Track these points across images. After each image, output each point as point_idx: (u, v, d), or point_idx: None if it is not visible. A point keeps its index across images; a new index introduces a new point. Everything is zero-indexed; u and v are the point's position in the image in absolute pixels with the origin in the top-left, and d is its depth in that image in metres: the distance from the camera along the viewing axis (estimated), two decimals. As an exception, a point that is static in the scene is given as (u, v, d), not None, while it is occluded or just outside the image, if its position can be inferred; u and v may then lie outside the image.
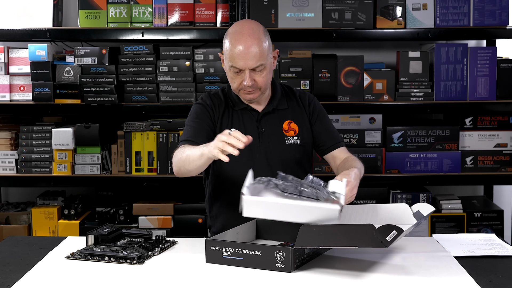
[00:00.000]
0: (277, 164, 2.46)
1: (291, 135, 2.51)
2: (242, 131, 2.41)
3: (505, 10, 3.31)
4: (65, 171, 3.39)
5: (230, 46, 2.37)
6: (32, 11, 3.38)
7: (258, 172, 2.42)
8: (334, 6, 3.32)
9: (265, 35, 2.42)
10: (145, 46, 3.36)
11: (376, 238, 1.87)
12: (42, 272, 2.01)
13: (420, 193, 3.44)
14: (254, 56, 2.34)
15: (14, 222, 3.48)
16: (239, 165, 2.41)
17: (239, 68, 2.37)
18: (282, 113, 2.53)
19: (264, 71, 2.39)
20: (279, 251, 1.96)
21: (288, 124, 2.52)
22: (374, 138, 3.41)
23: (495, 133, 3.43)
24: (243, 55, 2.34)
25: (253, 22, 2.46)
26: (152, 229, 3.37)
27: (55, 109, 3.37)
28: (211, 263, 2.03)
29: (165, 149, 3.38)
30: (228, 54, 2.38)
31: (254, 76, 2.38)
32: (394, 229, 1.94)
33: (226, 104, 2.51)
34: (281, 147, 2.48)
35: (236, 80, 2.40)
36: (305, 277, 1.93)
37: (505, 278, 1.92)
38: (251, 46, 2.34)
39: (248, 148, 2.42)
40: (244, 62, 2.35)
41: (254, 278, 1.93)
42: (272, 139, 2.48)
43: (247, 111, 2.50)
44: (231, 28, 2.44)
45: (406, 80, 3.37)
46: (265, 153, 2.47)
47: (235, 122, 2.48)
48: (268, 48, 2.40)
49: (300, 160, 2.52)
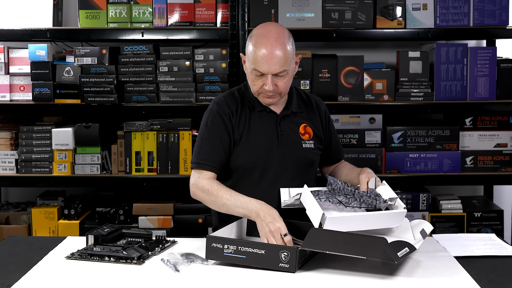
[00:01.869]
0: (293, 167, 2.46)
1: (307, 139, 2.50)
2: (260, 133, 2.43)
3: (505, 10, 3.31)
4: (65, 171, 3.39)
5: (254, 48, 2.33)
6: (32, 11, 3.38)
7: (273, 174, 2.43)
8: (334, 6, 3.32)
9: (290, 39, 2.38)
10: (145, 46, 3.36)
11: (387, 252, 1.88)
12: (42, 272, 2.01)
13: (420, 193, 3.44)
14: (278, 61, 2.31)
15: (14, 222, 3.48)
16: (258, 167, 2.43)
17: (261, 72, 2.33)
18: (298, 116, 2.52)
19: (286, 76, 2.36)
20: (284, 250, 1.95)
21: (304, 127, 2.51)
22: (374, 138, 3.41)
23: (495, 133, 3.43)
24: (268, 59, 2.30)
25: (279, 25, 2.42)
26: (152, 229, 3.37)
27: (55, 109, 3.37)
28: (212, 260, 2.03)
29: (165, 149, 3.38)
30: (251, 57, 2.34)
31: (276, 81, 2.35)
32: (406, 245, 1.95)
33: (243, 105, 2.48)
34: (298, 150, 2.48)
35: (257, 84, 2.37)
36: (310, 277, 1.93)
37: (505, 278, 1.92)
38: (276, 51, 2.30)
39: (266, 150, 2.42)
40: (268, 66, 2.31)
41: (257, 278, 1.93)
42: (289, 142, 2.47)
43: (265, 113, 2.47)
44: (256, 30, 2.39)
45: (406, 80, 3.37)
46: (283, 155, 2.45)
47: (254, 124, 2.45)
48: (292, 54, 2.37)
49: (313, 163, 2.53)
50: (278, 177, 2.44)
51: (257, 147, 2.42)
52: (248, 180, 2.44)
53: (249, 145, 2.42)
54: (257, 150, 2.42)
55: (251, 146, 2.42)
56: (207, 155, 2.39)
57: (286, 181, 2.43)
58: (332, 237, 1.96)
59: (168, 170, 3.38)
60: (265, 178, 2.43)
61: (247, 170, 2.44)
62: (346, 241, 1.94)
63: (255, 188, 2.42)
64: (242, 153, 2.43)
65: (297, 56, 2.44)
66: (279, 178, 2.43)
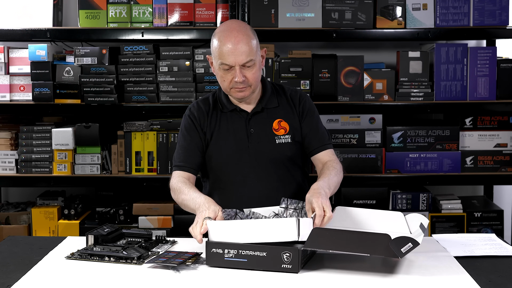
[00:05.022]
0: (267, 163, 2.47)
1: (282, 134, 2.50)
2: (229, 132, 2.47)
3: (505, 10, 3.31)
4: (65, 171, 3.39)
5: (219, 44, 2.38)
6: (32, 11, 3.38)
7: (247, 173, 2.45)
8: (334, 6, 3.32)
9: (253, 33, 2.44)
10: (145, 46, 3.36)
11: (391, 248, 1.88)
12: (42, 272, 2.01)
13: (420, 193, 3.44)
14: (243, 51, 2.35)
15: (14, 222, 3.48)
16: (230, 166, 2.47)
17: (229, 64, 2.37)
18: (272, 112, 2.52)
19: (254, 67, 2.39)
20: (286, 251, 1.95)
21: (278, 123, 2.52)
22: (374, 138, 3.41)
23: (495, 133, 3.43)
24: (233, 50, 2.35)
25: (239, 21, 2.50)
26: (152, 229, 3.37)
27: (55, 109, 3.37)
28: (213, 266, 2.01)
29: (165, 149, 3.38)
30: (217, 53, 2.39)
31: (245, 72, 2.38)
32: (409, 241, 1.94)
33: (214, 107, 2.53)
34: (271, 146, 2.48)
35: (227, 78, 2.40)
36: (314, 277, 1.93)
37: (505, 278, 1.92)
38: (240, 42, 2.36)
39: (237, 149, 2.45)
40: (234, 57, 2.35)
41: (259, 278, 1.92)
42: (261, 139, 2.49)
43: (236, 112, 2.51)
44: (218, 28, 2.46)
45: (406, 80, 3.37)
46: (254, 153, 2.47)
47: (223, 125, 2.50)
48: (257, 45, 2.42)
49: (293, 158, 2.52)
50: (253, 175, 2.46)
51: (227, 147, 2.47)
52: (223, 179, 2.49)
53: (219, 145, 2.48)
54: (227, 150, 2.47)
55: (221, 146, 2.48)
56: (182, 157, 2.49)
57: (262, 178, 2.45)
58: (334, 236, 1.96)
59: (168, 170, 3.38)
60: (238, 176, 2.46)
61: (220, 170, 2.49)
62: (348, 239, 1.94)
63: (230, 187, 2.46)
64: (213, 153, 2.49)
65: (262, 49, 2.49)
66: (253, 176, 2.46)
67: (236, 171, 2.47)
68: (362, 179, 3.37)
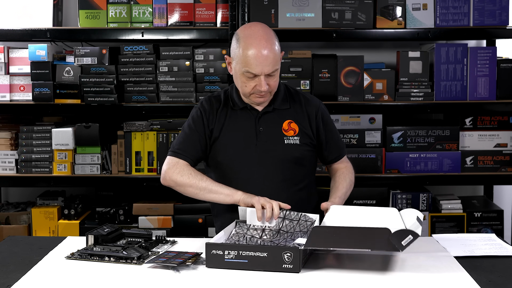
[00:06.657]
0: (274, 163, 2.47)
1: (291, 135, 2.50)
2: (238, 129, 2.46)
3: (505, 10, 3.31)
4: (65, 171, 3.39)
5: (244, 50, 2.35)
6: (32, 11, 3.38)
7: (253, 171, 2.45)
8: (334, 6, 3.32)
9: (276, 38, 2.42)
10: (145, 46, 3.36)
11: (391, 242, 1.88)
12: (42, 272, 2.01)
13: (420, 193, 3.44)
14: (270, 62, 2.34)
15: (14, 222, 3.48)
16: (236, 162, 2.46)
17: (255, 73, 2.35)
18: (283, 112, 2.52)
19: (277, 75, 2.40)
20: (287, 251, 1.94)
21: (288, 123, 2.51)
22: (374, 138, 3.41)
23: (495, 133, 3.43)
24: (261, 61, 2.33)
25: (264, 26, 2.45)
26: (152, 229, 3.37)
27: (55, 109, 3.37)
28: (213, 268, 2.00)
29: (165, 149, 3.38)
30: (242, 59, 2.36)
31: (268, 80, 2.38)
32: (410, 233, 1.94)
33: (225, 104, 2.52)
34: (279, 146, 2.48)
35: (249, 85, 2.39)
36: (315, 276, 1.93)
37: (505, 278, 1.92)
38: (267, 52, 2.33)
39: (245, 146, 2.44)
40: (261, 68, 2.34)
41: (260, 278, 1.92)
42: (270, 138, 2.48)
43: (246, 110, 2.51)
44: (241, 31, 2.42)
45: (406, 80, 3.37)
46: (262, 151, 2.47)
47: (232, 122, 2.49)
48: (280, 51, 2.41)
49: (300, 159, 2.52)
50: (258, 173, 2.46)
51: (235, 144, 2.47)
52: (228, 176, 2.48)
53: (226, 142, 2.47)
54: (234, 147, 2.47)
55: (229, 143, 2.47)
56: (184, 146, 2.47)
57: (267, 176, 2.45)
58: (334, 234, 1.96)
59: (168, 170, 3.37)
60: (243, 173, 2.46)
61: (226, 166, 2.48)
62: (348, 236, 1.94)
63: (235, 184, 2.44)
64: (220, 150, 2.48)
65: (281, 53, 2.49)
66: (258, 174, 2.45)
67: (241, 168, 2.46)
68: (362, 179, 3.36)
